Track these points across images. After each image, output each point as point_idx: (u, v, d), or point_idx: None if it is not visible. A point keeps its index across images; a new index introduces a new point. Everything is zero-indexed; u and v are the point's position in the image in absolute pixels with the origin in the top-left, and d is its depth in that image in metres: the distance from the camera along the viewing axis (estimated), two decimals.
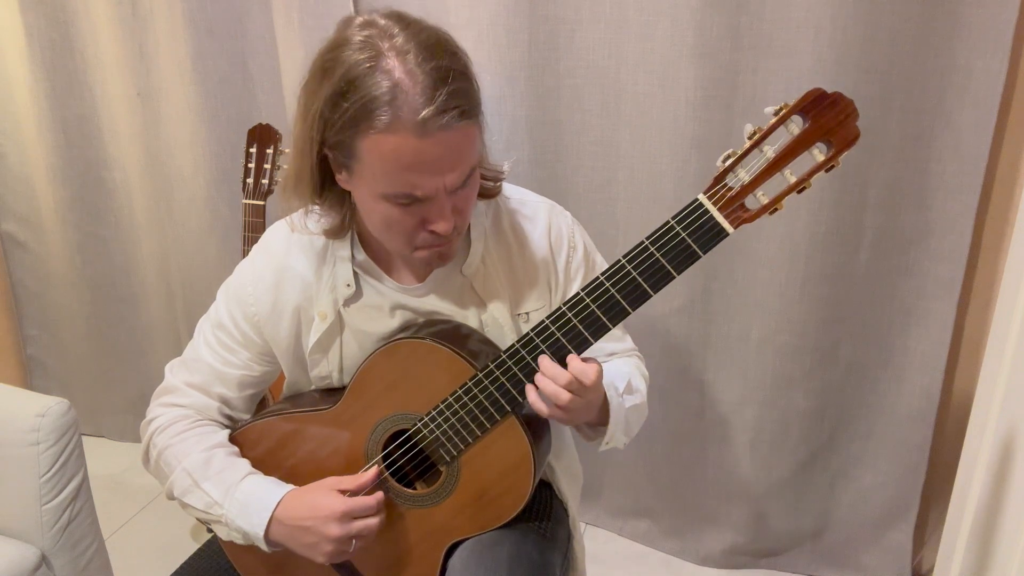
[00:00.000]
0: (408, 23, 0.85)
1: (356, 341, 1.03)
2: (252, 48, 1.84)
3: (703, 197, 0.83)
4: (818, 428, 1.66)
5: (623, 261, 0.85)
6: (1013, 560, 1.07)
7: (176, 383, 1.06)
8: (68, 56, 1.98)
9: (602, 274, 0.86)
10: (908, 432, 1.59)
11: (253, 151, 1.65)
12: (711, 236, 0.83)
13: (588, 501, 1.91)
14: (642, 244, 0.85)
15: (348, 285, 1.00)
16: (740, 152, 0.81)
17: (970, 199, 1.42)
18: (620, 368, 1.07)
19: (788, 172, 0.81)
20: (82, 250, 2.18)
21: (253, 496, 0.97)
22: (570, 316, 0.88)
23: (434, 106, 0.80)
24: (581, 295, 0.87)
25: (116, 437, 2.37)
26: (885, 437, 1.62)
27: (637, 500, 1.86)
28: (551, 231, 1.05)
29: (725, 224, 0.83)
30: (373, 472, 0.97)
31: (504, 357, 0.91)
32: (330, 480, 0.97)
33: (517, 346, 0.90)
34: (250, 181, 1.65)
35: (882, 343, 1.57)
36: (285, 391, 1.11)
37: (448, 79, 0.81)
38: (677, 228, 0.83)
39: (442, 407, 0.95)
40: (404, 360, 0.96)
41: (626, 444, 1.05)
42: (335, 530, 0.92)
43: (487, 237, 1.02)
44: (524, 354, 0.90)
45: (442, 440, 0.96)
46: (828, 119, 0.79)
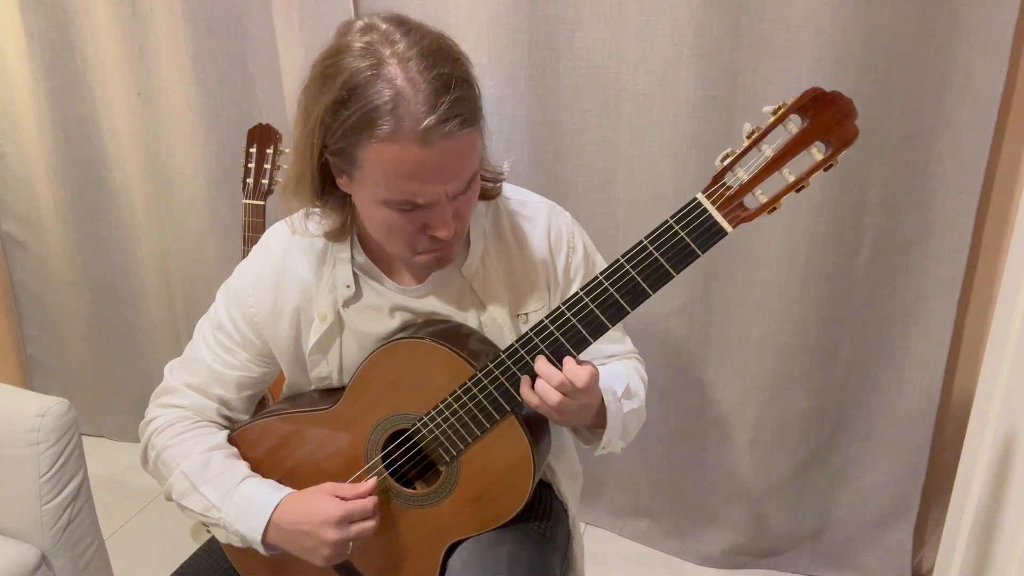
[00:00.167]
0: (409, 28, 0.83)
1: (356, 342, 1.03)
2: (252, 48, 1.84)
3: (702, 196, 0.83)
4: (818, 428, 1.66)
5: (622, 261, 0.85)
6: (1013, 560, 1.07)
7: (175, 384, 1.06)
8: (68, 56, 1.98)
9: (601, 273, 0.86)
10: (908, 432, 1.59)
11: (253, 151, 1.64)
12: (710, 235, 0.83)
13: (588, 501, 1.91)
14: (641, 243, 0.85)
15: (348, 286, 1.00)
16: (739, 151, 0.81)
17: (970, 199, 1.42)
18: (619, 371, 1.07)
19: (787, 171, 0.81)
20: (82, 250, 2.18)
21: (251, 500, 0.97)
22: (569, 316, 0.87)
23: (436, 115, 0.79)
24: (580, 295, 0.87)
25: (116, 437, 2.38)
26: (885, 437, 1.62)
27: (637, 500, 1.86)
28: (551, 232, 1.05)
29: (724, 223, 0.82)
30: (371, 483, 0.96)
31: (503, 357, 0.90)
32: (328, 486, 0.97)
33: (516, 346, 0.90)
34: (250, 181, 1.65)
35: (882, 343, 1.57)
36: (285, 391, 1.11)
37: (450, 87, 0.80)
38: (676, 227, 0.83)
39: (441, 407, 0.95)
40: (403, 360, 0.96)
41: (623, 449, 1.04)
42: (332, 534, 0.92)
43: (487, 238, 1.02)
44: (523, 354, 0.90)
45: (441, 440, 0.96)
46: (826, 118, 0.79)
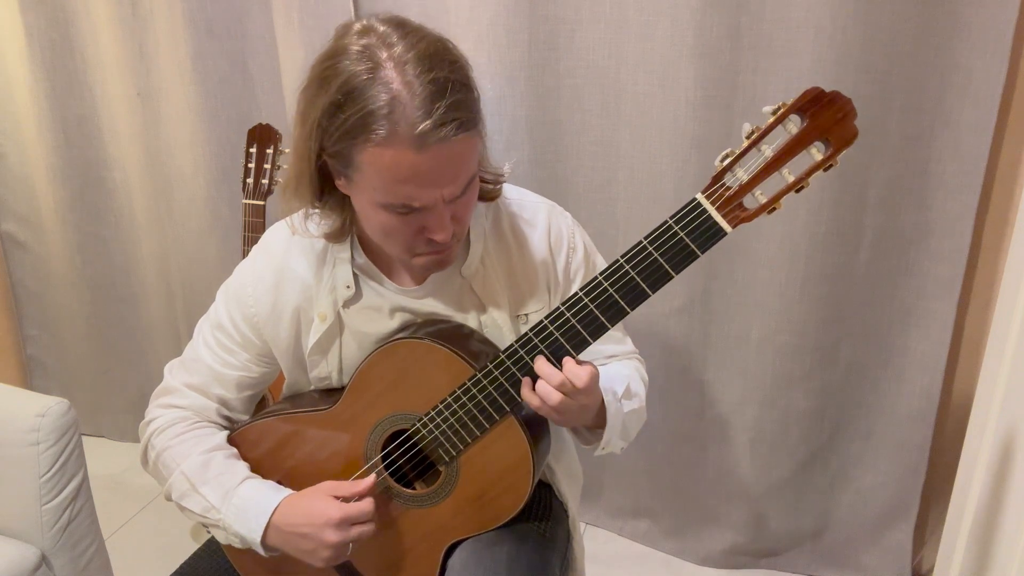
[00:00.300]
0: (407, 31, 0.83)
1: (355, 342, 1.03)
2: (252, 48, 1.84)
3: (701, 197, 0.83)
4: (818, 428, 1.66)
5: (621, 261, 0.85)
6: (1013, 560, 1.07)
7: (175, 384, 1.06)
8: (68, 56, 1.98)
9: (600, 274, 0.86)
10: (908, 432, 1.59)
11: (253, 151, 1.64)
12: (709, 235, 0.83)
13: (588, 501, 1.91)
14: (640, 244, 0.84)
15: (348, 287, 1.00)
16: (738, 152, 0.81)
17: (970, 199, 1.41)
18: (620, 371, 1.06)
19: (786, 171, 0.81)
20: (82, 250, 2.18)
21: (250, 501, 0.96)
22: (568, 316, 0.87)
23: (432, 120, 0.79)
24: (579, 295, 0.87)
25: (116, 437, 2.38)
26: (885, 437, 1.62)
27: (637, 500, 1.86)
28: (551, 232, 1.05)
29: (723, 223, 0.82)
30: (371, 480, 0.96)
31: (503, 357, 0.90)
32: (327, 485, 0.96)
33: (516, 346, 0.90)
34: (250, 181, 1.65)
35: (882, 343, 1.57)
36: (285, 391, 1.11)
37: (447, 91, 0.80)
38: (675, 228, 0.83)
39: (441, 407, 0.95)
40: (403, 360, 0.96)
41: (623, 449, 1.04)
42: (332, 536, 0.92)
43: (487, 238, 1.02)
44: (523, 354, 0.90)
45: (441, 440, 0.96)
46: (826, 118, 0.79)
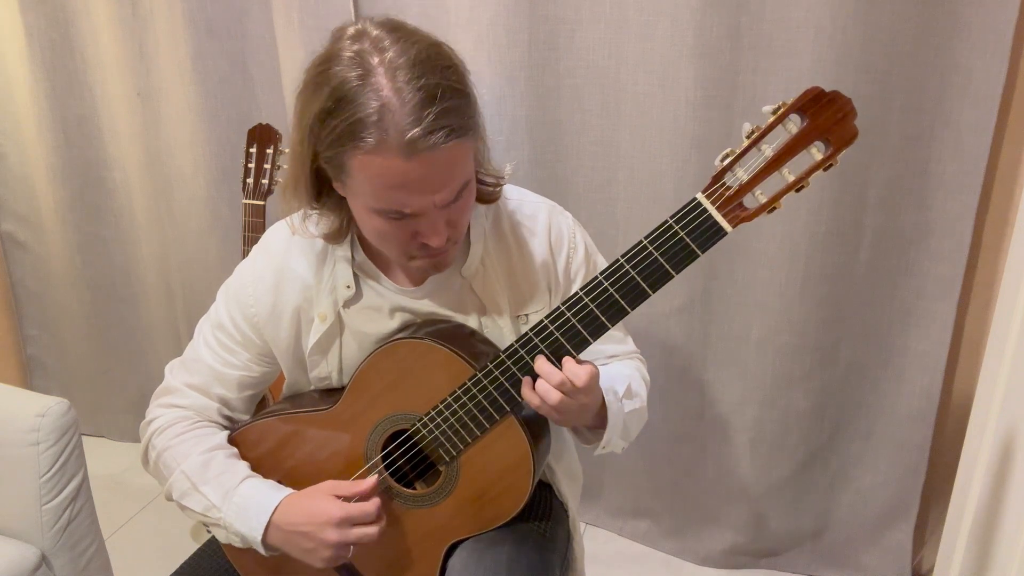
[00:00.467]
0: (400, 35, 0.82)
1: (356, 342, 1.03)
2: (252, 48, 1.84)
3: (701, 196, 0.83)
4: (818, 428, 1.66)
5: (622, 261, 0.85)
6: (1013, 560, 1.07)
7: (176, 384, 1.06)
8: (68, 56, 1.98)
9: (601, 273, 0.86)
10: (908, 432, 1.59)
11: (253, 151, 1.65)
12: (710, 235, 0.83)
13: (588, 501, 1.91)
14: (641, 243, 0.84)
15: (348, 287, 1.00)
16: (738, 151, 0.81)
17: (970, 199, 1.41)
18: (621, 371, 1.06)
19: (786, 171, 0.81)
20: (82, 250, 2.18)
21: (251, 500, 0.96)
22: (569, 316, 0.87)
23: (421, 127, 0.78)
24: (580, 295, 0.87)
25: (116, 437, 2.37)
26: (885, 437, 1.62)
27: (637, 500, 1.86)
28: (551, 232, 1.05)
29: (723, 223, 0.82)
30: (372, 481, 0.95)
31: (503, 357, 0.90)
32: (328, 484, 0.96)
33: (516, 346, 0.90)
34: (250, 181, 1.65)
35: (882, 343, 1.57)
36: (285, 391, 1.11)
37: (437, 97, 0.79)
38: (675, 227, 0.83)
39: (441, 407, 0.95)
40: (403, 360, 0.96)
41: (624, 449, 1.04)
42: (333, 536, 0.92)
43: (487, 239, 1.02)
44: (523, 354, 0.90)
45: (441, 440, 0.96)
46: (826, 118, 0.79)
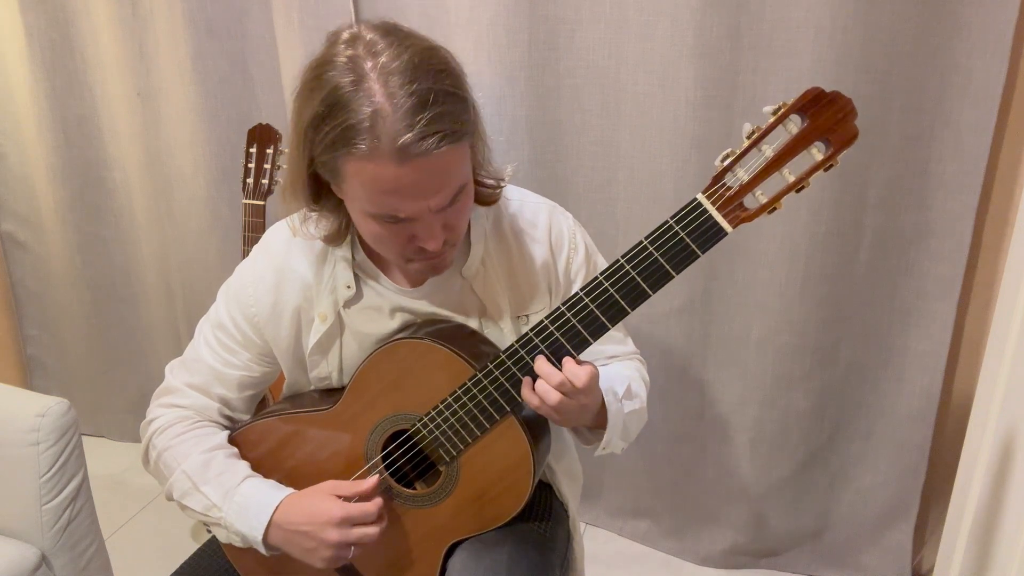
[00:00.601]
0: (394, 39, 0.82)
1: (356, 342, 1.03)
2: (252, 48, 1.84)
3: (702, 197, 0.83)
4: (818, 428, 1.66)
5: (622, 261, 0.85)
6: (1013, 560, 1.07)
7: (176, 384, 1.06)
8: (68, 56, 1.98)
9: (601, 274, 0.86)
10: (908, 432, 1.59)
11: (253, 151, 1.65)
12: (710, 235, 0.83)
13: (588, 501, 1.91)
14: (641, 244, 0.84)
15: (348, 287, 1.00)
16: (739, 152, 0.81)
17: (970, 199, 1.41)
18: (620, 372, 1.06)
19: (787, 171, 0.81)
20: (82, 250, 2.18)
21: (252, 499, 0.96)
22: (569, 316, 0.87)
23: (413, 132, 0.78)
24: (580, 295, 0.87)
25: (116, 437, 2.37)
26: (885, 437, 1.62)
27: (637, 500, 1.86)
28: (552, 232, 1.05)
29: (724, 223, 0.82)
30: (373, 481, 0.95)
31: (503, 357, 0.90)
32: (329, 484, 0.96)
33: (516, 346, 0.90)
34: (250, 181, 1.65)
35: (882, 343, 1.57)
36: (285, 391, 1.11)
37: (430, 102, 0.79)
38: (676, 228, 0.83)
39: (441, 407, 0.95)
40: (403, 360, 0.96)
41: (624, 449, 1.04)
42: (333, 535, 0.92)
43: (487, 239, 1.02)
44: (523, 354, 0.90)
45: (441, 440, 0.96)
46: (826, 118, 0.79)
